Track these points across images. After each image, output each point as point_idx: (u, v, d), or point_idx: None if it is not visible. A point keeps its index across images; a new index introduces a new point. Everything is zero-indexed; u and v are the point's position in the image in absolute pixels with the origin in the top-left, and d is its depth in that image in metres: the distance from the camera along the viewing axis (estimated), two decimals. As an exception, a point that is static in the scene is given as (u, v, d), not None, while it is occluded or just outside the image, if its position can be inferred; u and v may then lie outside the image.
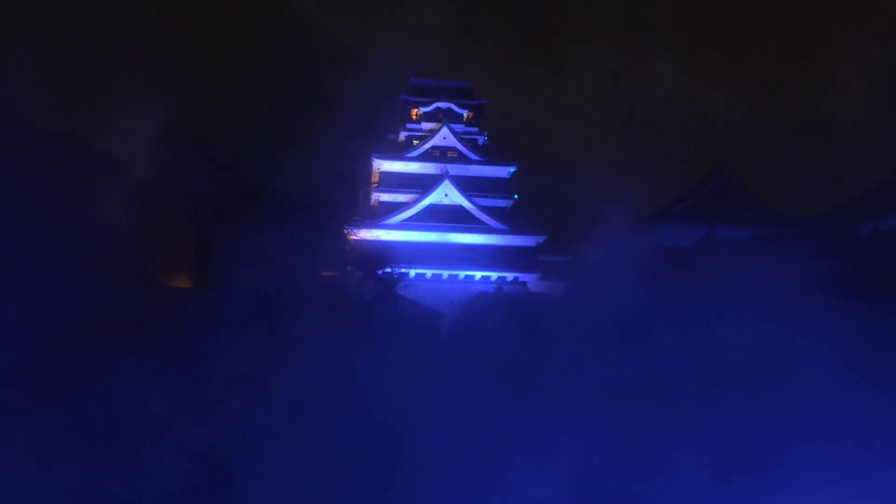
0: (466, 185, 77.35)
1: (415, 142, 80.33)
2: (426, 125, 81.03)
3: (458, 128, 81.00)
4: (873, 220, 60.63)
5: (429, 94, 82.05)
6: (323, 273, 58.62)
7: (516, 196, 79.43)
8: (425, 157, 78.68)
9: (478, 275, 75.34)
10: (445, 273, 74.63)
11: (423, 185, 77.10)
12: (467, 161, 79.06)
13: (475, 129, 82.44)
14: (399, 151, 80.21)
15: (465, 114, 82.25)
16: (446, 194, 76.53)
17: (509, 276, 75.44)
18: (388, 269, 61.65)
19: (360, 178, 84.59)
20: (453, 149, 79.66)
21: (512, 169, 79.58)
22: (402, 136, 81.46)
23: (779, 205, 75.68)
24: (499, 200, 78.53)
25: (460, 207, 76.58)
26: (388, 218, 75.26)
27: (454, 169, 77.64)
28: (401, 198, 76.95)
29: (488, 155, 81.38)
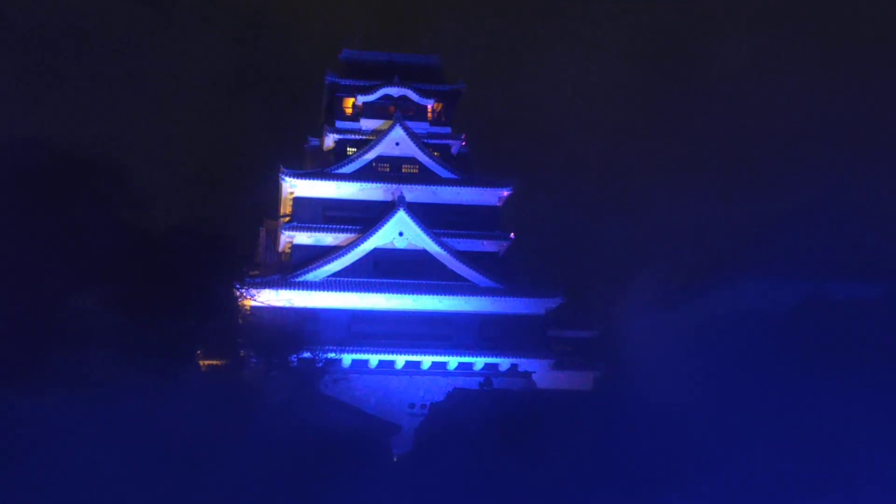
0: (434, 218, 76.30)
1: (350, 149, 79.53)
2: (368, 123, 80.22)
3: (420, 127, 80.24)
4: None
5: (372, 74, 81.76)
6: (201, 362, 59.78)
7: (512, 235, 78.70)
8: (367, 173, 77.71)
9: (453, 361, 73.86)
10: (400, 359, 73.24)
11: (363, 217, 75.97)
12: (435, 180, 78.18)
13: (447, 130, 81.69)
14: (324, 164, 78.88)
15: (431, 105, 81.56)
16: (401, 232, 75.32)
17: (503, 362, 74.23)
18: (307, 354, 60.75)
19: (263, 209, 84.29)
20: (412, 160, 78.87)
21: (505, 192, 78.82)
22: (330, 139, 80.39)
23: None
24: (485, 242, 77.64)
25: (423, 254, 75.47)
26: (307, 271, 73.89)
27: (414, 192, 76.77)
28: (328, 239, 75.69)
29: (468, 170, 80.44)
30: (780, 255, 70.00)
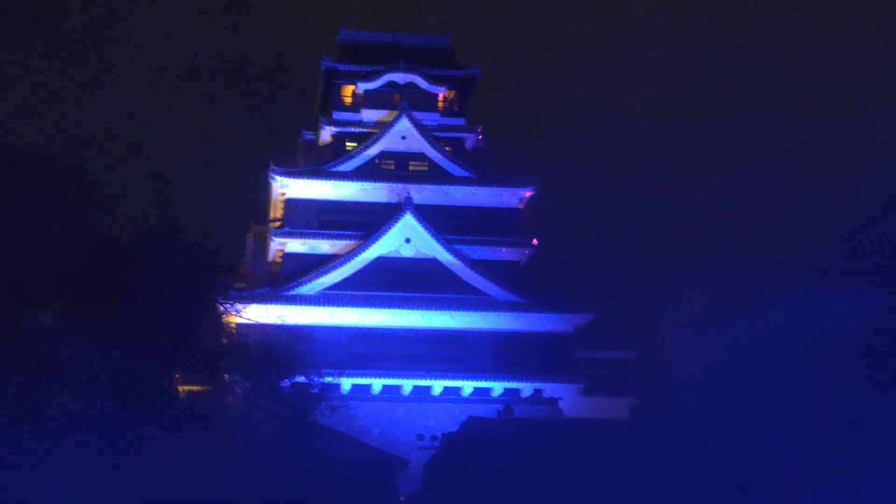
0: (446, 223, 76.45)
1: (349, 144, 79.60)
2: (370, 114, 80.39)
3: (429, 118, 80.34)
4: None
5: (374, 58, 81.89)
6: (180, 388, 59.27)
7: (535, 241, 78.21)
8: (369, 171, 77.80)
9: (468, 386, 73.75)
10: (407, 384, 73.10)
11: (364, 221, 76.17)
12: (446, 179, 78.29)
13: (460, 122, 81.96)
14: (319, 162, 79.02)
15: (442, 93, 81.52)
16: (408, 239, 75.18)
17: (526, 387, 73.90)
18: (301, 378, 60.53)
19: (250, 212, 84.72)
20: (420, 156, 78.79)
21: (527, 193, 78.61)
22: (326, 133, 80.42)
23: None
24: (504, 249, 77.38)
25: (433, 263, 75.37)
26: (301, 283, 73.83)
27: (423, 192, 76.80)
28: (324, 246, 75.69)
29: (484, 167, 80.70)
30: (845, 263, 68.63)
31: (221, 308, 63.75)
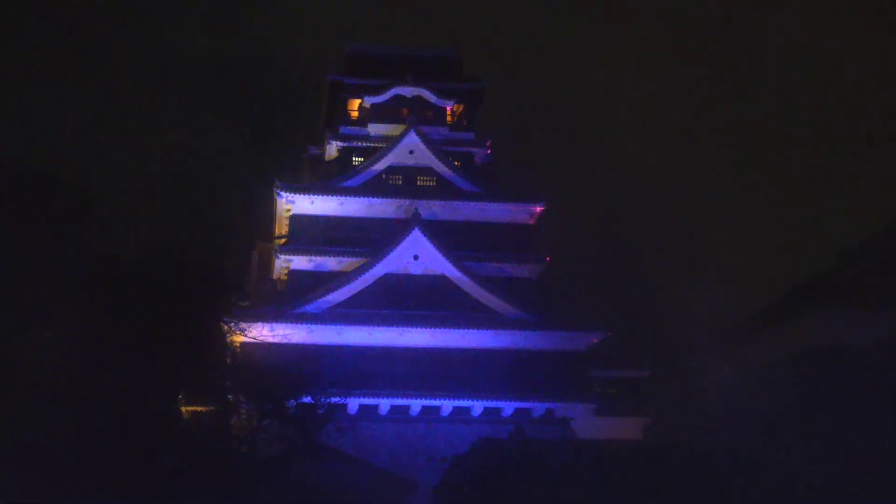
0: (455, 239, 76.38)
1: (356, 159, 79.77)
2: (377, 128, 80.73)
3: (437, 132, 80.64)
4: None
5: (381, 72, 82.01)
6: (184, 409, 60.02)
7: (547, 258, 78.40)
8: (376, 186, 78.03)
9: (478, 406, 73.68)
10: (416, 404, 73.17)
11: (372, 238, 76.13)
12: (455, 194, 78.40)
13: (468, 136, 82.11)
14: (326, 177, 79.38)
15: (450, 106, 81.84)
16: (416, 255, 75.15)
17: (537, 407, 73.94)
18: (307, 399, 59.92)
19: (255, 229, 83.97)
20: (428, 171, 78.96)
21: (538, 207, 78.76)
22: (333, 147, 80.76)
23: None
24: (515, 266, 77.45)
25: (442, 280, 75.36)
26: (307, 301, 73.76)
27: (431, 208, 76.89)
28: (331, 263, 75.80)
29: (494, 182, 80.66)
30: (863, 280, 68.44)
31: (226, 327, 64.16)
